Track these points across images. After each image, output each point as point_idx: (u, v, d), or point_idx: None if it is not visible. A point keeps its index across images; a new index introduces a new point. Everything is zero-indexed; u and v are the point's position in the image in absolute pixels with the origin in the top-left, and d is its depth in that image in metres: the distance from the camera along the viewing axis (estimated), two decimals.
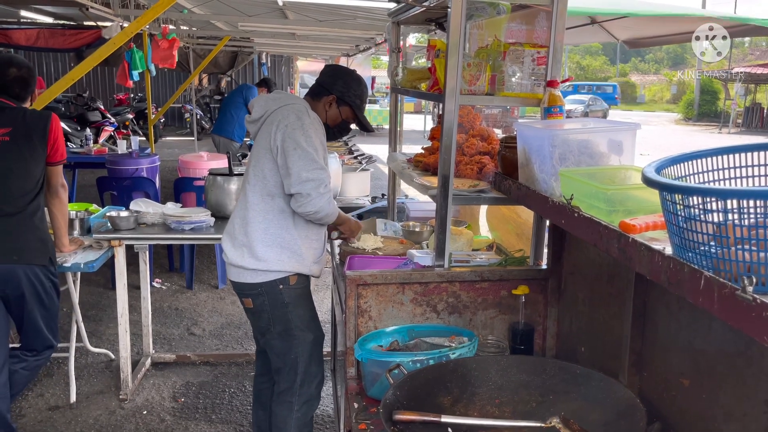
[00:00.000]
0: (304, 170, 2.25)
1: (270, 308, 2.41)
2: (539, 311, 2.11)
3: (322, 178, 2.27)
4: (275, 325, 2.43)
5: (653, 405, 1.47)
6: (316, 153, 2.27)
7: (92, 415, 3.33)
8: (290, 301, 2.41)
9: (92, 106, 11.63)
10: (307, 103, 2.44)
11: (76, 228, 3.42)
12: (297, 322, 2.43)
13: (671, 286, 1.03)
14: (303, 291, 2.46)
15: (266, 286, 2.38)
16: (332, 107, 2.46)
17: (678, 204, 0.98)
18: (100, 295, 5.06)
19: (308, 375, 2.48)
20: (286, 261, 2.38)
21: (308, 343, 2.46)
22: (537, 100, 2.06)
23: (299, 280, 2.42)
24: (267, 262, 2.36)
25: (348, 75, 2.51)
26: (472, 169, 2.38)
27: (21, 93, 2.79)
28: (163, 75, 17.44)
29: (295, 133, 2.27)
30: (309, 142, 2.27)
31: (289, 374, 2.47)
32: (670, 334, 1.44)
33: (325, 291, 5.30)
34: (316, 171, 2.26)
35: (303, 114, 2.32)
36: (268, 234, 2.37)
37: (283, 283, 2.39)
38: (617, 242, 1.21)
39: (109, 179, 5.29)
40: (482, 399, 1.69)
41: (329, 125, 2.48)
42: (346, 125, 2.54)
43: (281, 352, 2.46)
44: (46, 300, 2.78)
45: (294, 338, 2.43)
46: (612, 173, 1.53)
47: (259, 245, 2.36)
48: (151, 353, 3.96)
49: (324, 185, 2.27)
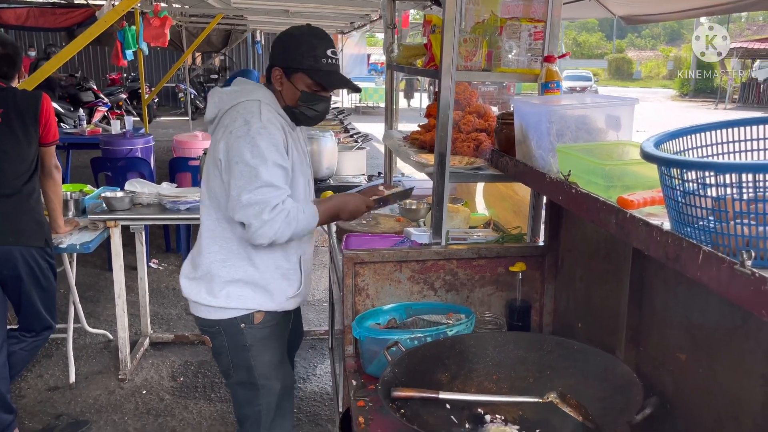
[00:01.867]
0: (244, 191, 1.83)
1: (229, 351, 2.05)
2: (536, 288, 2.12)
3: (266, 200, 1.83)
4: (236, 371, 2.07)
5: (650, 380, 1.48)
6: (264, 165, 1.83)
7: (92, 395, 3.35)
8: (253, 343, 2.02)
9: (85, 86, 11.50)
10: (270, 95, 1.99)
11: (71, 209, 3.41)
12: (262, 369, 2.05)
13: (669, 261, 1.03)
14: (271, 331, 2.06)
15: (225, 324, 2.01)
16: (284, 84, 1.96)
17: (676, 179, 0.98)
18: (97, 276, 5.06)
19: (273, 429, 2.12)
20: (249, 298, 2.00)
21: (274, 393, 2.09)
22: (534, 76, 2.04)
23: (267, 317, 2.03)
24: (227, 299, 1.99)
25: (287, 36, 1.98)
26: (468, 146, 2.37)
27: (8, 72, 2.75)
28: (156, 54, 17.24)
29: (238, 143, 1.84)
30: (255, 152, 1.83)
31: (251, 427, 2.11)
32: (667, 310, 1.44)
33: (323, 270, 5.30)
34: (259, 191, 1.83)
35: (253, 116, 1.88)
36: (227, 267, 1.98)
37: (245, 322, 2.01)
38: (615, 218, 1.20)
39: (103, 160, 5.26)
40: (480, 375, 1.70)
41: (292, 106, 1.99)
42: (312, 97, 1.97)
43: (243, 402, 2.11)
44: (43, 281, 2.78)
45: (257, 388, 2.06)
46: (610, 149, 1.52)
47: (216, 281, 1.99)
48: (150, 333, 3.97)
49: (269, 208, 1.83)
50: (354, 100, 20.15)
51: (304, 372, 3.69)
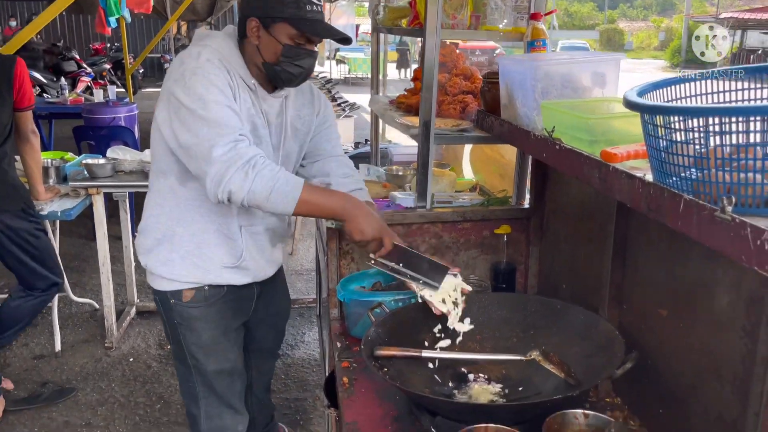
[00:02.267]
0: (185, 132, 1.57)
1: (166, 322, 1.91)
2: (521, 250, 2.11)
3: (211, 137, 1.52)
4: (172, 343, 1.95)
5: (632, 336, 1.49)
6: (201, 102, 1.55)
7: (78, 363, 3.34)
8: (182, 321, 1.85)
9: (67, 56, 11.29)
10: (231, 44, 1.72)
11: (51, 176, 3.35)
12: (191, 348, 1.87)
13: (651, 212, 1.02)
14: (203, 312, 1.84)
15: (159, 295, 1.86)
16: (262, 37, 1.67)
17: (659, 126, 0.96)
18: (82, 246, 5.02)
19: (214, 408, 1.97)
20: (177, 265, 1.79)
21: (207, 374, 1.91)
22: (520, 35, 2.00)
23: (198, 295, 1.82)
24: (156, 262, 1.81)
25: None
26: (455, 108, 2.34)
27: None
28: (140, 23, 16.93)
29: (173, 87, 1.61)
30: (189, 92, 1.56)
31: (191, 405, 1.98)
32: (650, 267, 1.44)
33: (310, 240, 5.29)
34: (203, 129, 1.54)
35: (190, 57, 1.63)
36: (160, 223, 1.79)
37: (174, 298, 1.83)
38: (598, 172, 1.19)
39: (85, 129, 5.17)
40: (464, 335, 1.70)
41: (272, 63, 1.68)
42: (295, 51, 1.67)
43: (180, 377, 1.99)
44: (32, 241, 2.74)
45: (189, 366, 1.91)
46: (595, 105, 1.50)
47: (149, 238, 1.82)
48: (136, 302, 3.95)
49: (220, 144, 1.50)
50: (343, 71, 19.93)
51: (293, 339, 3.70)
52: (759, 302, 1.08)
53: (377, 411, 1.52)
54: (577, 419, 1.28)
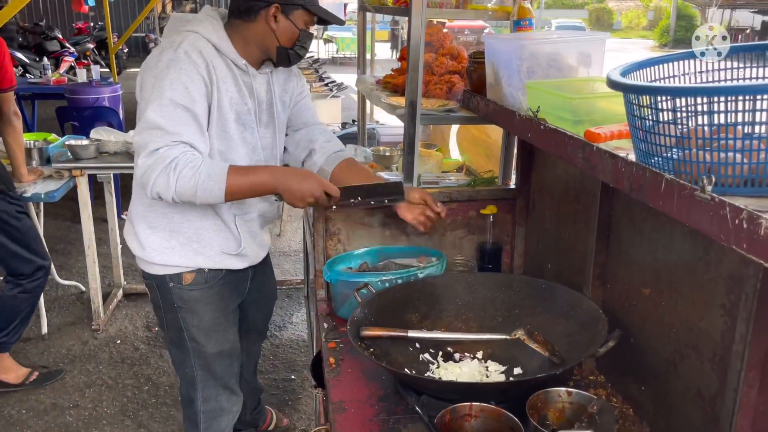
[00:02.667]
0: (135, 131, 1.64)
1: (162, 308, 1.92)
2: (507, 230, 2.12)
3: (146, 142, 1.56)
4: (168, 329, 1.96)
5: (615, 315, 1.50)
6: (156, 102, 1.58)
7: (65, 345, 3.34)
8: (182, 305, 1.88)
9: (50, 35, 11.09)
10: (217, 27, 1.72)
11: (34, 158, 3.31)
12: (191, 331, 1.91)
13: (633, 192, 1.02)
14: (203, 294, 1.88)
15: (157, 280, 1.87)
16: (280, 21, 1.71)
17: (643, 107, 0.96)
18: (68, 228, 4.98)
19: (211, 390, 2.01)
20: (177, 252, 1.82)
21: (205, 356, 1.95)
22: (506, 14, 1.99)
23: (198, 278, 1.86)
24: (152, 251, 1.82)
25: None
26: (441, 89, 2.33)
27: None
28: (123, 1, 16.63)
29: (146, 76, 1.64)
30: (157, 86, 1.59)
31: (187, 388, 2.02)
32: (633, 246, 1.45)
33: (298, 222, 5.28)
34: (145, 132, 1.57)
35: (171, 47, 1.64)
36: (153, 211, 1.81)
37: (173, 281, 1.85)
38: (582, 152, 1.19)
39: (69, 109, 5.10)
40: (449, 315, 1.72)
41: (286, 47, 1.75)
42: (307, 35, 1.77)
43: (176, 361, 2.02)
44: (13, 222, 2.71)
45: (188, 350, 1.94)
46: (579, 85, 1.50)
47: (140, 228, 1.83)
48: (123, 284, 3.94)
49: (148, 152, 1.55)
50: (331, 51, 19.73)
51: (281, 320, 3.71)
52: (738, 281, 1.10)
53: (364, 390, 1.53)
54: (561, 397, 1.30)
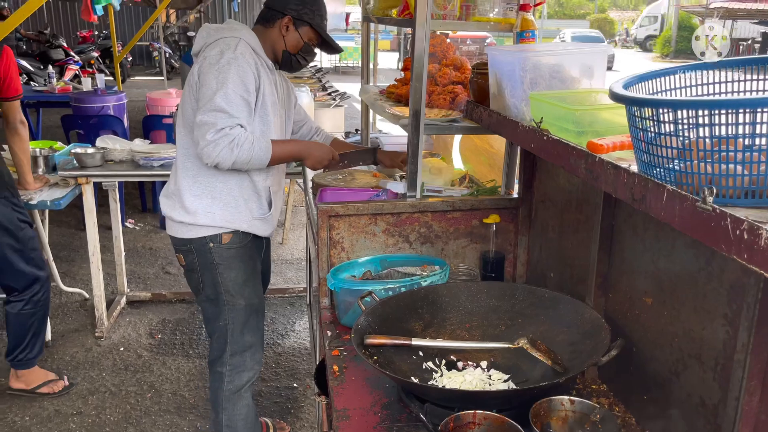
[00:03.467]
0: (200, 111, 1.98)
1: (200, 268, 2.19)
2: (510, 240, 2.13)
3: (213, 122, 1.94)
4: (205, 287, 2.22)
5: (618, 324, 1.51)
6: (222, 91, 1.95)
7: (68, 353, 3.35)
8: (221, 262, 2.18)
9: (55, 43, 11.18)
10: (253, 34, 2.14)
11: (40, 165, 3.34)
12: (228, 285, 2.21)
13: (636, 202, 1.03)
14: (239, 252, 2.21)
15: (196, 242, 2.16)
16: (290, 31, 2.15)
17: (645, 119, 0.97)
18: (72, 236, 5.00)
19: (239, 344, 2.27)
20: (218, 214, 2.14)
21: (239, 309, 2.24)
22: (510, 26, 2.01)
23: (234, 238, 2.18)
24: (195, 215, 2.13)
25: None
26: (444, 99, 2.35)
27: None
28: (128, 11, 16.75)
29: (210, 69, 2.00)
30: (220, 79, 1.97)
31: (218, 342, 2.28)
32: (636, 256, 1.46)
33: (301, 229, 5.30)
34: (210, 113, 1.95)
35: (229, 49, 2.01)
36: (198, 182, 2.13)
37: (213, 241, 2.16)
38: (585, 162, 1.20)
39: (74, 117, 5.13)
40: (453, 324, 1.73)
41: (290, 52, 2.17)
42: (309, 49, 2.21)
43: (210, 317, 2.27)
44: (15, 232, 2.69)
45: (223, 303, 2.22)
46: (582, 96, 1.52)
47: (187, 194, 2.13)
48: (126, 292, 3.95)
49: (215, 130, 1.94)
50: (333, 60, 19.82)
51: (283, 328, 3.72)
52: (740, 290, 1.11)
53: (367, 398, 1.54)
54: (563, 405, 1.31)
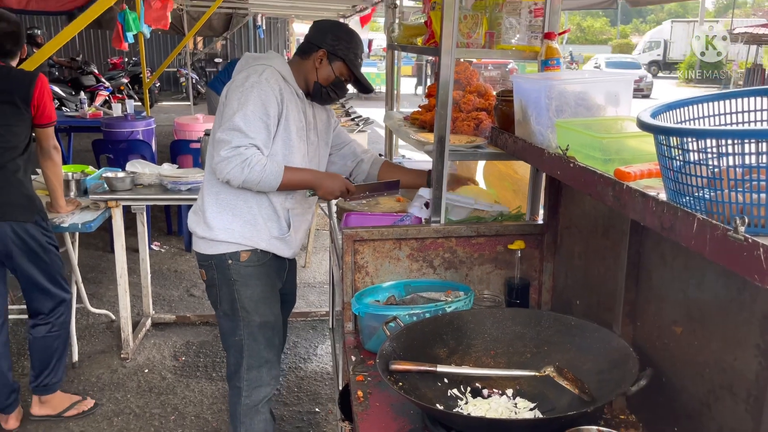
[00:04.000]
0: (219, 129, 2.06)
1: (219, 283, 2.26)
2: (535, 266, 2.12)
3: (229, 140, 2.01)
4: (222, 302, 2.28)
5: (646, 353, 1.49)
6: (242, 112, 2.02)
7: (95, 374, 3.38)
8: (238, 278, 2.24)
9: (86, 70, 11.48)
10: (285, 64, 2.22)
11: (72, 189, 3.41)
12: (244, 302, 2.26)
13: (665, 231, 1.03)
14: (256, 270, 2.25)
15: (216, 259, 2.23)
16: (323, 64, 2.21)
17: (673, 148, 0.98)
18: (99, 258, 5.09)
19: (255, 359, 2.30)
20: (237, 232, 2.20)
21: (254, 326, 2.28)
22: (534, 53, 2.03)
23: (253, 256, 2.23)
24: (216, 230, 2.19)
25: (338, 27, 2.28)
26: (468, 125, 2.37)
27: (12, 48, 2.74)
28: (157, 38, 17.17)
29: (234, 92, 2.09)
30: (242, 101, 2.04)
31: (234, 356, 2.32)
32: (664, 284, 1.45)
33: (323, 253, 5.33)
34: (228, 132, 2.02)
35: (255, 73, 2.10)
36: (220, 200, 2.20)
37: (232, 258, 2.22)
38: (612, 190, 1.20)
39: (104, 142, 5.26)
40: (478, 350, 1.72)
41: (321, 84, 2.23)
42: (341, 84, 2.26)
43: (226, 332, 2.33)
44: (43, 255, 2.74)
45: (239, 319, 2.27)
46: (608, 124, 1.52)
47: (209, 211, 2.21)
48: (151, 314, 4.00)
49: (229, 147, 2.00)
50: None
51: (305, 352, 3.72)
52: None
53: (392, 425, 1.53)
54: None
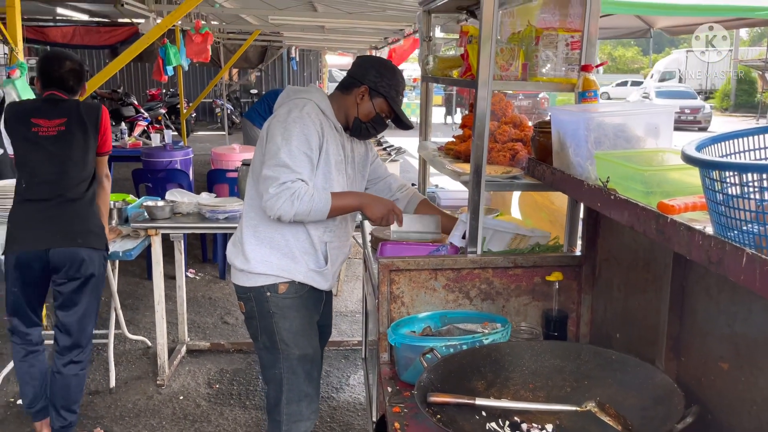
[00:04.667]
0: (265, 167, 2.09)
1: (258, 316, 2.27)
2: (573, 298, 2.10)
3: (276, 176, 2.04)
4: (261, 335, 2.29)
5: (691, 390, 1.46)
6: (286, 148, 2.06)
7: (131, 400, 3.42)
8: (276, 311, 2.25)
9: (126, 101, 11.86)
10: (325, 98, 2.27)
11: (114, 218, 3.51)
12: (283, 334, 2.26)
13: (712, 265, 1.02)
14: (294, 302, 2.27)
15: (255, 291, 2.24)
16: (364, 100, 2.25)
17: (718, 181, 0.97)
18: (136, 285, 5.18)
19: (294, 393, 2.30)
20: (275, 264, 2.22)
21: (294, 359, 2.28)
22: (571, 86, 2.04)
23: (291, 288, 2.24)
24: (253, 263, 2.21)
25: (381, 64, 2.33)
26: (504, 156, 2.37)
27: (75, 86, 2.87)
28: (194, 70, 17.66)
29: (277, 126, 2.12)
30: (286, 136, 2.08)
31: (274, 390, 2.32)
32: (710, 319, 1.42)
33: (355, 281, 5.34)
34: (274, 168, 2.05)
35: (296, 108, 2.15)
36: (258, 233, 2.23)
37: (270, 290, 2.23)
38: (655, 223, 1.20)
39: (144, 171, 5.40)
40: (516, 384, 1.70)
41: (361, 120, 2.27)
42: (380, 120, 2.30)
43: (266, 365, 2.34)
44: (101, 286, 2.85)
45: (278, 352, 2.27)
46: (649, 156, 1.52)
47: (248, 243, 2.23)
48: (187, 341, 4.04)
49: (277, 183, 2.04)
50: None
51: (338, 382, 3.71)
52: None
53: None
54: None
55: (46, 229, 2.70)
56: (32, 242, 2.70)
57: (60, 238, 2.70)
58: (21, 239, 2.71)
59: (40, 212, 2.72)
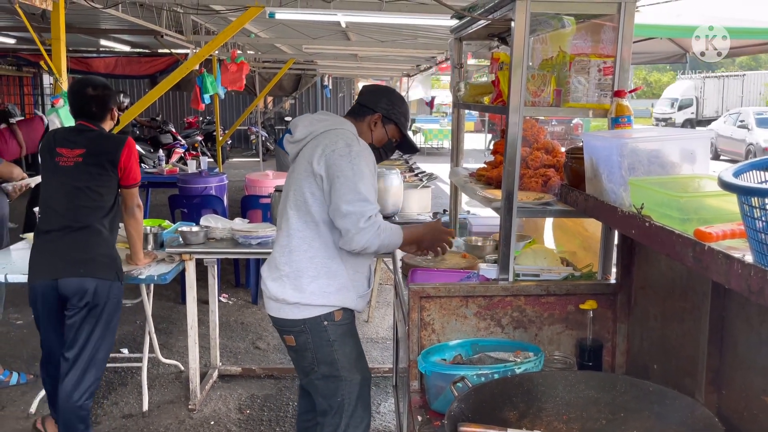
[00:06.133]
0: (344, 202, 2.13)
1: (314, 347, 2.27)
2: (608, 327, 2.05)
3: (362, 211, 2.12)
4: (320, 365, 2.29)
5: (732, 424, 1.40)
6: (362, 182, 2.14)
7: (163, 424, 3.44)
8: (336, 338, 2.27)
9: (164, 129, 12.18)
10: (354, 126, 2.34)
11: (150, 242, 3.57)
12: (344, 362, 2.29)
13: (753, 294, 0.99)
14: (348, 328, 2.33)
15: (310, 322, 2.24)
16: (377, 127, 2.37)
17: (758, 208, 0.95)
18: (170, 309, 5.25)
19: (354, 419, 2.32)
20: (333, 294, 2.25)
21: (355, 384, 2.31)
22: (604, 111, 2.02)
23: (345, 315, 2.30)
24: (312, 295, 2.23)
25: (391, 93, 2.46)
26: (536, 182, 2.36)
27: (98, 112, 2.90)
28: (229, 98, 18.09)
29: (341, 160, 2.16)
30: (356, 170, 2.15)
31: (334, 418, 2.32)
32: (751, 350, 1.37)
33: (386, 308, 5.31)
34: (357, 203, 2.13)
35: (353, 141, 2.22)
36: (314, 263, 2.24)
37: (327, 319, 2.25)
38: (692, 251, 1.17)
39: (179, 197, 5.51)
40: (549, 415, 1.65)
41: (375, 146, 2.38)
42: (391, 145, 2.45)
43: (326, 394, 2.32)
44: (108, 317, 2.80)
45: (340, 380, 2.29)
46: (684, 182, 1.49)
47: (304, 276, 2.24)
48: (218, 365, 4.06)
49: (365, 218, 2.13)
50: (419, 141, 20.36)
51: None
52: None
53: None
54: None
55: (53, 259, 2.75)
56: (44, 273, 2.75)
57: (64, 268, 2.73)
58: (35, 270, 2.78)
59: (50, 242, 2.77)
